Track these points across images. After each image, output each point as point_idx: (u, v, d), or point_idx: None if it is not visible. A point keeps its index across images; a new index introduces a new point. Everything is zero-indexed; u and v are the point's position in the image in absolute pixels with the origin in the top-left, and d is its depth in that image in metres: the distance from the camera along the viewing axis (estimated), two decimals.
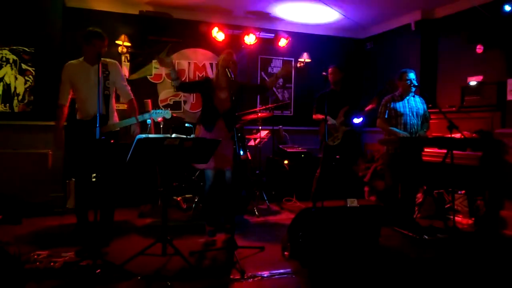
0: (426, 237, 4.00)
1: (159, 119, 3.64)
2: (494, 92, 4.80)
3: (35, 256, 3.06)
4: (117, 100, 3.85)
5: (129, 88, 3.78)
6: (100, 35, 3.52)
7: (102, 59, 3.52)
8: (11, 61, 5.02)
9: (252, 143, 5.62)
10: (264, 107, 5.66)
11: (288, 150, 6.11)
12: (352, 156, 5.53)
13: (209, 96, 3.79)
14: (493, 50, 5.06)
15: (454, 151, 3.94)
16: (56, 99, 3.62)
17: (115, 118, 3.72)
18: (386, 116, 4.51)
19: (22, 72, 5.04)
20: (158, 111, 3.62)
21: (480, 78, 5.16)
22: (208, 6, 6.04)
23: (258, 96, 6.71)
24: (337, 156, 5.12)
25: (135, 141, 2.80)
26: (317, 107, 5.06)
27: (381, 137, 4.66)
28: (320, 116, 4.97)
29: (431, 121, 4.71)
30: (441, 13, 5.87)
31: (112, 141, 3.52)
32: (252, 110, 5.61)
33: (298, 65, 6.96)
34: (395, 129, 4.42)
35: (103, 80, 3.49)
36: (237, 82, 3.81)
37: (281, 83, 6.93)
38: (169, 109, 3.70)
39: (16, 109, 5.04)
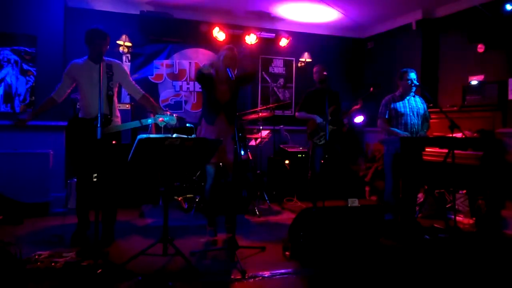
0: (427, 237, 4.00)
1: (160, 119, 3.63)
2: (495, 92, 4.79)
3: (36, 257, 3.06)
4: (119, 100, 3.86)
5: (138, 85, 3.81)
6: (102, 34, 3.52)
7: (107, 59, 3.53)
8: (12, 61, 5.02)
9: (253, 143, 5.62)
10: (265, 107, 5.66)
11: (289, 150, 6.10)
12: (343, 155, 5.47)
13: (210, 89, 3.83)
14: (494, 49, 5.06)
15: (455, 151, 3.93)
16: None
17: (118, 119, 3.72)
18: (386, 117, 4.51)
19: (24, 73, 5.05)
20: (163, 117, 3.58)
21: (481, 77, 5.16)
22: (209, 6, 6.04)
23: (259, 96, 6.72)
24: (325, 156, 5.09)
25: (136, 141, 2.81)
26: (301, 105, 5.04)
27: (382, 137, 4.65)
28: (306, 115, 4.95)
29: (432, 120, 4.71)
30: (442, 13, 5.86)
31: (114, 142, 3.53)
32: (253, 110, 5.61)
33: (299, 65, 6.95)
34: (396, 129, 4.42)
35: (107, 80, 3.49)
36: (236, 78, 3.84)
37: (282, 83, 6.93)
38: (174, 115, 3.68)
39: (17, 109, 5.04)
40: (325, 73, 4.95)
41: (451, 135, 4.10)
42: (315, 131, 4.86)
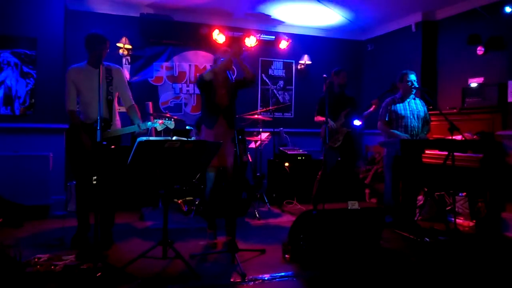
0: (427, 239, 3.99)
1: (160, 121, 3.64)
2: (495, 94, 4.79)
3: (36, 260, 3.06)
4: (119, 103, 3.85)
5: (131, 94, 3.80)
6: (102, 38, 3.52)
7: (106, 64, 3.53)
8: (12, 64, 5.02)
9: (253, 145, 5.62)
10: (264, 109, 5.66)
11: (289, 152, 6.10)
12: (353, 158, 5.53)
13: (210, 93, 3.83)
14: (493, 51, 5.06)
15: (455, 153, 3.93)
16: (57, 102, 3.62)
17: (118, 122, 3.72)
18: (386, 119, 4.51)
19: (23, 75, 5.05)
20: (162, 121, 3.59)
21: (481, 79, 5.16)
22: (209, 9, 6.04)
23: (259, 98, 6.73)
24: (338, 159, 5.12)
25: (136, 144, 2.81)
26: (318, 110, 5.07)
27: (382, 139, 4.65)
28: (321, 118, 4.99)
29: (432, 123, 4.71)
30: (442, 15, 5.87)
31: (113, 147, 3.52)
32: (253, 112, 5.61)
33: (299, 67, 6.95)
34: (396, 131, 4.42)
35: (106, 85, 3.49)
36: (235, 82, 3.84)
37: (281, 85, 6.93)
38: (172, 120, 3.68)
39: (17, 112, 5.04)
40: (324, 75, 4.99)
41: (450, 138, 4.10)
42: (330, 134, 4.87)
